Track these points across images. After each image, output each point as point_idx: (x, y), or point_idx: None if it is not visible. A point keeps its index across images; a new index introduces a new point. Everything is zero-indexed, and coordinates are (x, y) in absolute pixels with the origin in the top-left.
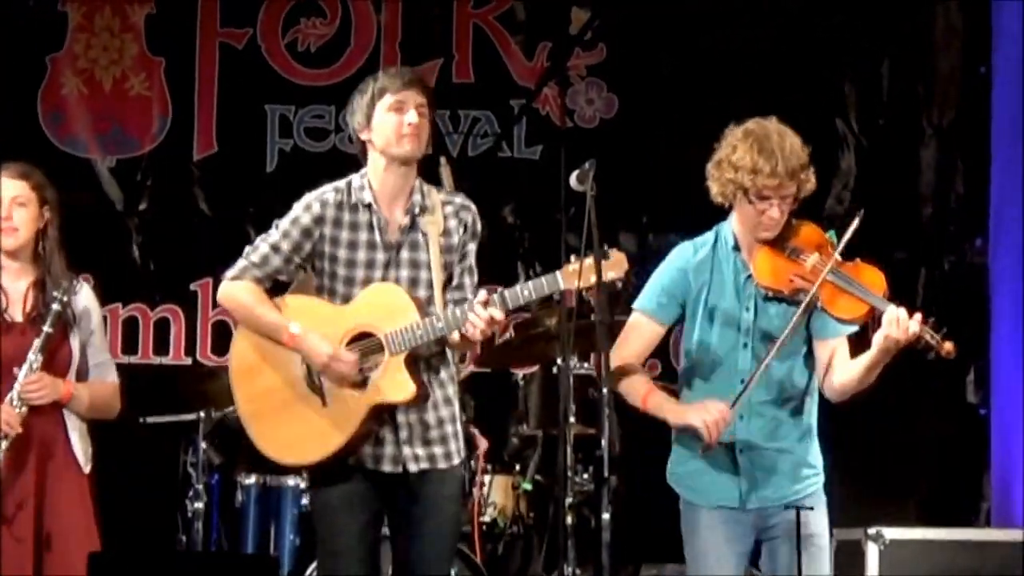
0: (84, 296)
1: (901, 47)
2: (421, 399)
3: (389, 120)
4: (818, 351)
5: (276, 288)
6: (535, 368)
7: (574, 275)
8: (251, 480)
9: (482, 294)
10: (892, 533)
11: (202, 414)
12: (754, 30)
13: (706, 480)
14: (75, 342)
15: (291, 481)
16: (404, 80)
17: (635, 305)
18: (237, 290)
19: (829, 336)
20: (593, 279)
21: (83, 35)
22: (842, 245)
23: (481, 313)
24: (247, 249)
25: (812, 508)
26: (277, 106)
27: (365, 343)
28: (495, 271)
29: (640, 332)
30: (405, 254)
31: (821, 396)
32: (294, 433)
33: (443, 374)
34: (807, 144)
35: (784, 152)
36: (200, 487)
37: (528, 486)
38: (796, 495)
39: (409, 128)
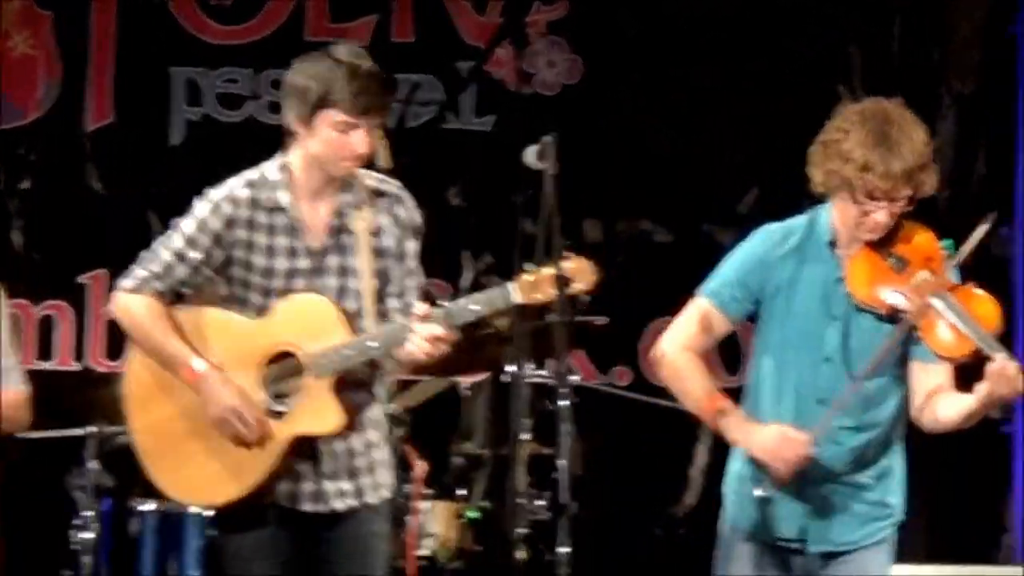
0: None
1: (915, 4)
2: (348, 429)
3: (333, 138)
4: (915, 374)
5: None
6: (483, 376)
7: (531, 287)
8: (148, 506)
9: (420, 307)
10: (900, 570)
11: (92, 429)
12: None
13: (764, 506)
14: None
15: (194, 508)
16: (366, 104)
17: (703, 290)
18: (135, 306)
19: (930, 360)
20: (554, 292)
21: None
22: (958, 259)
23: (421, 330)
24: (143, 255)
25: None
26: (184, 69)
27: (284, 365)
28: (439, 262)
29: (704, 322)
30: (333, 260)
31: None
32: (201, 470)
33: (373, 392)
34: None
35: (903, 149)
36: (89, 514)
37: (473, 514)
38: (864, 539)
39: (356, 159)
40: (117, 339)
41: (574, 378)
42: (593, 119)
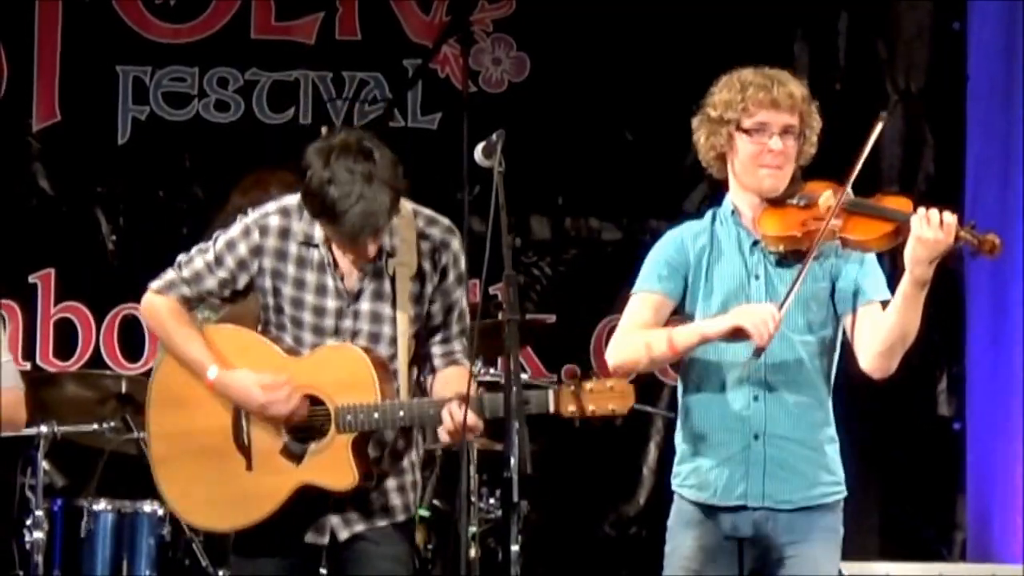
0: None
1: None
2: (361, 487)
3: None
4: (846, 325)
5: None
6: None
7: (571, 398)
8: (100, 506)
9: (457, 393)
10: (852, 568)
11: (43, 428)
12: None
13: (714, 475)
14: None
15: (147, 507)
16: (356, 235)
17: (634, 290)
18: (160, 308)
19: (853, 305)
20: (592, 408)
21: None
22: (859, 165)
23: (449, 416)
24: (180, 258)
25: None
26: (130, 67)
27: (312, 411)
28: None
29: (647, 311)
30: (365, 305)
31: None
32: (208, 493)
33: (396, 447)
34: None
35: (782, 77)
36: (40, 514)
37: (424, 512)
38: (811, 500)
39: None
40: (66, 338)
41: (524, 376)
42: (540, 116)
